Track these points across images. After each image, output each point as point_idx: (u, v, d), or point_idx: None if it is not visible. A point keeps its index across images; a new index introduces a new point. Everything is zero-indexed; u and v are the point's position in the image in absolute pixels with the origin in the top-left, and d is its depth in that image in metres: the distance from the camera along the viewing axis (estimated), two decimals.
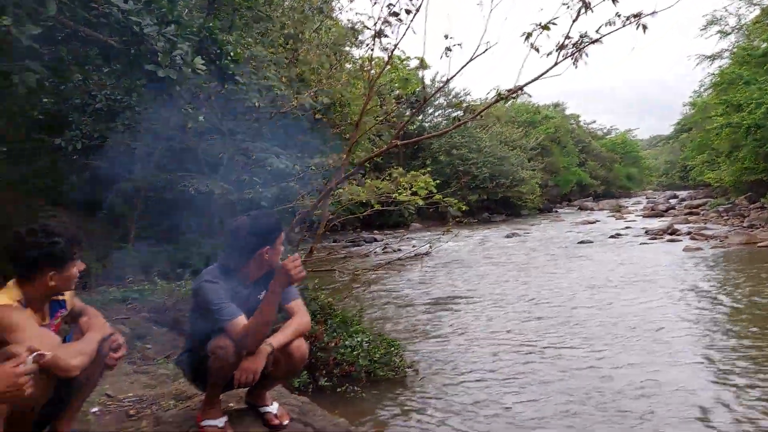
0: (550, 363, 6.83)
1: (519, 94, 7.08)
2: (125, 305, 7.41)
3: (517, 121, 43.03)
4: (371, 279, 12.96)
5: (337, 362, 6.32)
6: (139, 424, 3.35)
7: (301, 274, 2.88)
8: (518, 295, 11.05)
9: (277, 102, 12.02)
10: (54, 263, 2.60)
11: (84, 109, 12.27)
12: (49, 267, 2.59)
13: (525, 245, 19.99)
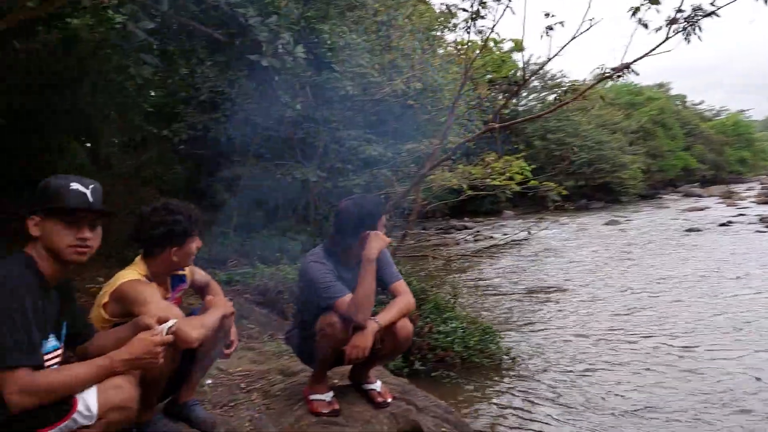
0: (656, 358, 6.46)
1: (625, 72, 6.75)
2: (229, 287, 7.74)
3: (617, 103, 41.02)
4: (463, 266, 12.88)
5: (432, 347, 6.35)
6: (250, 396, 3.52)
7: (388, 239, 3.04)
8: (618, 286, 10.54)
9: (370, 89, 12.13)
10: (175, 240, 2.75)
11: (189, 101, 12.93)
12: (170, 244, 2.75)
13: (626, 233, 19.11)
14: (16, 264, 2.04)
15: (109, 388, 1.98)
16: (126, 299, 2.58)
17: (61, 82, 8.82)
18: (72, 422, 1.91)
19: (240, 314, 6.58)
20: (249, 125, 12.21)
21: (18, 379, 1.84)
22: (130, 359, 2.07)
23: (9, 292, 1.91)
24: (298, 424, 2.98)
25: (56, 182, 2.12)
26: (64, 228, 2.08)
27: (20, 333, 1.88)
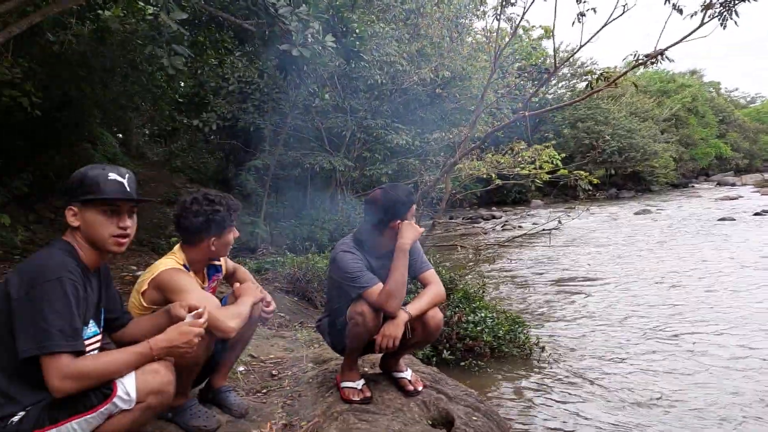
0: (687, 351, 6.32)
1: (660, 59, 6.60)
2: (259, 275, 7.83)
3: (648, 91, 40.22)
4: (492, 256, 12.80)
5: (460, 337, 6.35)
6: (281, 383, 3.56)
7: (420, 229, 3.06)
8: (650, 277, 10.35)
9: (398, 78, 12.10)
10: (214, 230, 2.80)
11: (218, 92, 13.05)
12: (210, 233, 2.79)
13: (657, 223, 18.79)
14: (57, 251, 2.08)
15: (147, 373, 2.03)
16: (165, 287, 2.62)
17: (94, 74, 8.97)
18: (112, 406, 1.96)
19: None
20: (277, 115, 12.29)
21: (60, 365, 1.90)
22: (168, 346, 2.11)
23: (52, 279, 1.95)
24: (330, 411, 3.00)
25: (93, 172, 2.14)
26: (104, 218, 2.13)
27: (62, 320, 1.92)
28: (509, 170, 10.51)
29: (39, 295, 1.92)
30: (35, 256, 2.07)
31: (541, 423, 4.78)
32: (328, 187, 13.65)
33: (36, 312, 1.91)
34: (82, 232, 2.15)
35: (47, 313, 1.91)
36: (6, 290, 1.98)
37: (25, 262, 2.05)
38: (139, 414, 2.02)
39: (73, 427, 1.95)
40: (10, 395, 1.97)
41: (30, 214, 9.18)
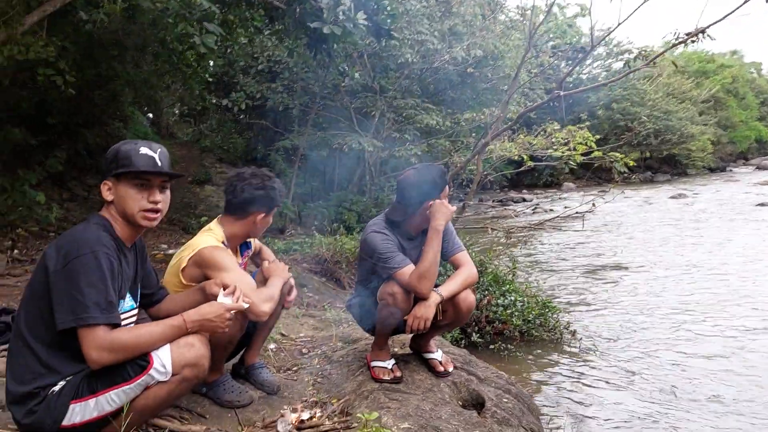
0: (722, 342, 6.09)
1: (700, 38, 6.36)
2: (288, 256, 7.85)
3: (687, 71, 39.09)
4: (523, 239, 12.66)
5: (490, 320, 6.29)
6: (312, 361, 3.56)
7: (453, 209, 2.99)
8: (684, 263, 10.04)
9: (429, 57, 11.93)
10: (266, 204, 2.85)
11: (248, 71, 13.07)
12: (261, 207, 2.83)
13: (693, 207, 18.35)
14: (93, 226, 2.10)
15: (182, 347, 2.05)
16: (206, 264, 2.63)
17: (126, 53, 9.03)
18: (149, 378, 1.99)
19: (299, 282, 6.66)
20: (307, 95, 12.26)
21: (96, 337, 1.92)
22: (200, 320, 2.13)
23: (87, 253, 1.97)
24: (361, 389, 2.99)
25: (125, 147, 2.16)
26: (136, 192, 2.13)
27: (97, 293, 1.94)
28: (541, 152, 10.34)
29: (74, 268, 1.94)
30: (72, 231, 2.10)
31: (571, 408, 4.71)
32: (356, 168, 13.61)
33: (72, 285, 1.93)
34: (115, 207, 2.16)
35: (83, 286, 1.93)
36: (44, 264, 2.01)
37: (62, 237, 2.07)
38: (174, 386, 2.05)
39: (112, 398, 1.99)
40: (50, 366, 2.01)
41: (64, 192, 9.35)
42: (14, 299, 4.80)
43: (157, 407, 2.12)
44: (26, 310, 2.06)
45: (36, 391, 1.98)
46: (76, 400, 1.97)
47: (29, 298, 2.06)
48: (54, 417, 1.96)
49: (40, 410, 1.96)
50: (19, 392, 1.98)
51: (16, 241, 6.93)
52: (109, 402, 1.98)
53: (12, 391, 2.01)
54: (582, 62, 25.61)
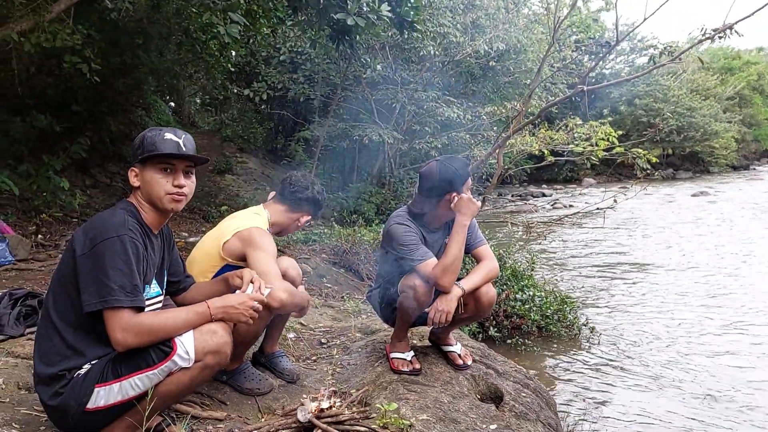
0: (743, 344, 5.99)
1: (728, 34, 6.25)
2: (307, 246, 7.89)
3: (712, 68, 38.42)
4: (542, 234, 12.58)
5: (508, 314, 6.28)
6: (331, 351, 3.59)
7: (479, 204, 3.01)
8: (706, 264, 9.87)
9: (451, 49, 11.87)
10: (312, 210, 3.14)
11: (269, 61, 13.10)
12: (309, 210, 3.11)
13: (715, 206, 18.09)
14: (120, 211, 2.13)
15: (205, 334, 2.07)
16: (251, 242, 2.74)
17: (150, 42, 9.09)
18: (172, 364, 2.02)
19: (318, 273, 6.73)
20: (328, 86, 12.27)
21: (121, 319, 1.95)
22: (225, 307, 2.15)
23: (113, 237, 2.00)
24: (379, 380, 3.00)
25: (151, 133, 2.20)
26: (161, 176, 2.17)
27: (123, 276, 1.98)
28: (562, 147, 10.26)
29: (100, 251, 1.98)
30: (99, 216, 2.13)
31: (588, 405, 4.70)
32: (376, 160, 13.61)
33: (98, 268, 1.96)
34: (142, 192, 2.20)
35: (108, 269, 1.96)
36: (72, 247, 2.05)
37: (90, 221, 2.11)
38: (197, 373, 2.07)
39: (135, 383, 2.01)
40: (76, 348, 2.04)
41: (87, 179, 9.46)
42: (38, 283, 4.89)
43: (179, 393, 2.14)
44: (54, 294, 2.10)
45: (62, 373, 2.01)
46: (100, 384, 2.00)
47: (57, 281, 2.10)
48: (79, 399, 1.99)
49: (66, 392, 1.99)
50: (46, 374, 2.02)
51: (41, 226, 7.03)
52: (132, 387, 2.01)
53: (39, 373, 2.05)
54: (606, 57, 25.28)
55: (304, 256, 7.28)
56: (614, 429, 4.27)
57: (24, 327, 3.27)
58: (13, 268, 5.38)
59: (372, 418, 2.57)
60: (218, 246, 2.80)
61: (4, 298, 3.40)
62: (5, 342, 3.12)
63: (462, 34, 11.47)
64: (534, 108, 11.50)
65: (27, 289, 3.72)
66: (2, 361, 2.76)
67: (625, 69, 32.34)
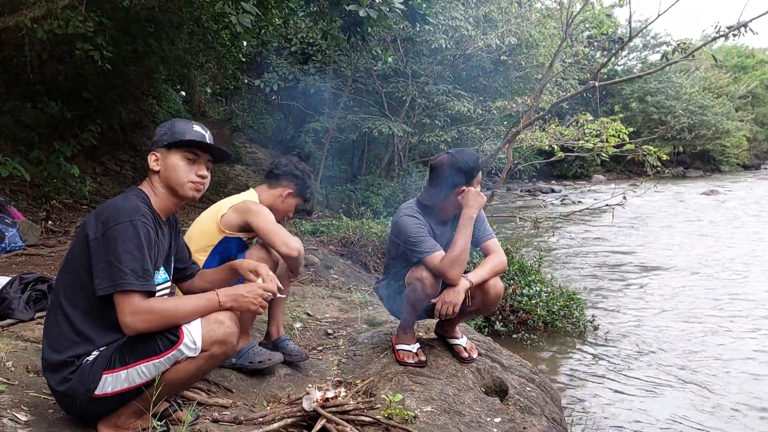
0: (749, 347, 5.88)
1: (742, 32, 6.19)
2: (315, 237, 7.91)
3: (725, 66, 38.08)
4: (550, 230, 12.54)
5: (514, 309, 6.28)
6: (337, 342, 3.60)
7: (485, 197, 3.03)
8: (715, 264, 9.75)
9: (463, 43, 11.81)
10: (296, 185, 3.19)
11: (281, 52, 13.08)
12: (290, 184, 3.18)
13: (725, 205, 17.97)
14: (132, 197, 2.15)
15: (212, 323, 2.07)
16: (249, 211, 2.93)
17: (161, 30, 9.10)
18: (179, 353, 2.02)
19: (325, 264, 6.75)
20: (338, 78, 12.25)
21: (131, 303, 1.97)
22: (234, 296, 2.17)
23: (126, 221, 2.02)
24: (385, 371, 3.01)
25: (180, 123, 2.29)
26: (185, 164, 2.22)
27: (134, 260, 1.99)
28: (573, 143, 10.20)
29: (112, 235, 1.99)
30: (111, 201, 2.14)
31: (591, 402, 4.70)
32: (385, 153, 13.60)
33: (110, 252, 1.98)
34: (161, 177, 2.23)
35: (120, 253, 1.97)
36: (84, 232, 2.06)
37: (101, 206, 2.12)
38: (203, 362, 2.08)
39: (142, 370, 2.02)
40: (84, 334, 2.05)
41: (97, 166, 9.51)
42: (48, 269, 4.93)
43: (185, 382, 2.15)
44: (64, 279, 2.11)
45: (71, 359, 2.03)
46: (108, 370, 2.01)
47: (68, 267, 2.11)
48: (87, 386, 2.00)
49: (74, 379, 2.01)
50: (54, 360, 2.03)
51: (51, 212, 7.08)
52: (139, 374, 2.01)
53: (47, 359, 2.06)
54: (618, 54, 25.10)
55: (311, 247, 7.29)
56: (618, 426, 4.26)
57: (34, 311, 3.31)
58: (24, 254, 5.43)
59: (377, 408, 2.58)
60: (216, 220, 2.96)
61: (14, 283, 3.43)
62: (15, 325, 3.16)
63: (474, 27, 11.41)
64: (545, 103, 11.44)
65: (37, 273, 3.75)
66: (12, 345, 2.79)
67: (637, 66, 32.15)
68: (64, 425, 2.14)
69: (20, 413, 2.14)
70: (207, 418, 2.38)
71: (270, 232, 2.84)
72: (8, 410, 2.15)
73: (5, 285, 3.41)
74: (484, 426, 2.72)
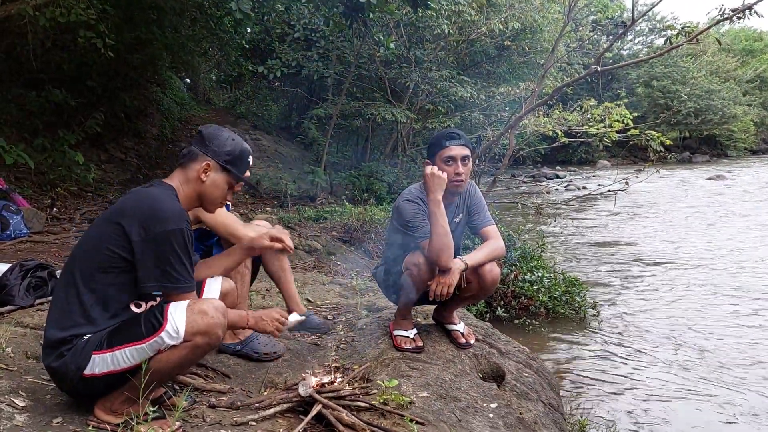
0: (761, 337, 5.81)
1: (747, 14, 6.13)
2: (317, 223, 7.93)
3: (732, 49, 37.65)
4: (553, 216, 12.52)
5: (516, 295, 6.30)
6: (336, 327, 3.63)
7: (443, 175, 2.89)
8: (719, 251, 9.64)
9: (466, 28, 11.72)
10: None
11: (284, 39, 13.02)
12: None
13: (731, 190, 17.86)
14: (173, 197, 2.23)
15: (195, 314, 2.09)
16: None
17: (164, 17, 9.08)
18: (160, 340, 2.05)
19: (327, 250, 6.78)
20: (342, 64, 12.19)
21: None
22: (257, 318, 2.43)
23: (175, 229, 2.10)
24: (382, 357, 3.04)
25: (245, 148, 2.42)
26: (226, 188, 2.38)
27: (185, 267, 2.15)
28: (577, 128, 10.16)
29: (163, 239, 2.08)
30: (150, 198, 2.16)
31: (591, 387, 4.73)
32: (389, 139, 13.56)
33: (161, 256, 2.08)
34: (200, 187, 2.32)
35: (174, 261, 2.10)
36: (117, 222, 2.10)
37: (140, 200, 2.15)
38: (186, 351, 2.10)
39: (126, 355, 2.06)
40: (91, 317, 2.10)
41: (102, 154, 9.55)
42: (52, 256, 4.97)
43: (171, 371, 2.17)
44: (83, 260, 2.14)
45: (70, 338, 2.06)
46: (97, 351, 2.05)
47: (90, 251, 2.14)
48: (77, 364, 2.04)
49: (68, 356, 2.05)
50: (56, 337, 2.07)
51: (55, 199, 7.13)
52: (123, 358, 2.05)
53: (49, 337, 2.09)
54: (622, 37, 24.84)
55: (314, 234, 7.32)
56: (617, 411, 4.29)
57: (34, 298, 3.35)
58: (28, 240, 5.48)
59: (373, 394, 2.61)
60: None
61: (14, 269, 3.47)
62: (15, 312, 3.20)
63: (477, 12, 11.31)
64: (548, 89, 11.36)
65: (38, 260, 3.79)
66: (11, 331, 2.83)
67: (643, 50, 31.86)
68: (61, 410, 2.18)
69: (18, 398, 2.18)
70: (204, 403, 2.42)
71: (217, 225, 2.91)
72: (6, 395, 2.19)
73: (5, 272, 3.45)
74: (480, 411, 2.75)
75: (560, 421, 3.16)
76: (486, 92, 12.65)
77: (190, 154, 2.31)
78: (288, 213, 8.27)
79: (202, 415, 2.30)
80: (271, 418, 2.34)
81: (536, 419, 2.89)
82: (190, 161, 2.30)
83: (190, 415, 2.29)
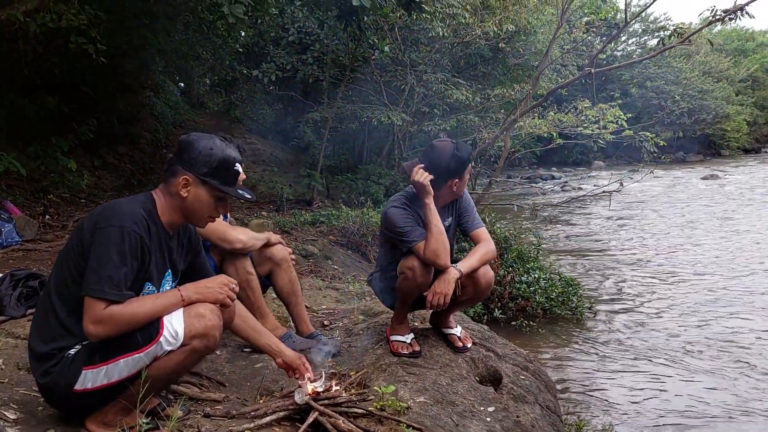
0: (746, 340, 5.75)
1: (739, 15, 6.14)
2: (314, 227, 7.91)
3: (725, 50, 37.78)
4: (549, 217, 12.53)
5: (513, 296, 6.29)
6: (332, 333, 3.61)
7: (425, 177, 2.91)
8: (713, 252, 9.64)
9: (460, 31, 11.72)
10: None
11: (278, 42, 13.01)
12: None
13: (724, 189, 17.92)
14: (137, 203, 2.11)
15: (192, 317, 2.05)
16: None
17: (157, 22, 9.04)
18: (158, 347, 2.01)
19: (324, 254, 6.75)
20: (336, 67, 12.18)
21: (96, 310, 1.92)
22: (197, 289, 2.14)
23: (116, 228, 1.99)
24: (379, 362, 3.01)
25: (226, 155, 2.16)
26: (213, 202, 2.18)
27: (114, 267, 1.95)
28: (571, 129, 10.17)
29: (99, 238, 1.98)
30: (116, 201, 2.12)
31: (588, 389, 4.71)
32: (385, 142, 13.56)
33: (94, 254, 1.96)
34: (181, 203, 2.16)
35: (102, 258, 1.96)
36: (81, 228, 2.05)
37: (104, 204, 2.12)
38: (184, 356, 2.06)
39: (121, 366, 2.01)
40: (68, 328, 2.04)
41: (95, 160, 9.49)
42: (45, 264, 4.93)
43: (168, 377, 2.13)
44: (57, 272, 2.10)
45: (53, 352, 2.02)
46: (88, 366, 1.99)
47: (61, 260, 2.10)
48: (67, 380, 2.00)
49: (56, 372, 2.00)
50: (39, 350, 2.03)
51: (48, 207, 7.07)
52: (119, 369, 2.00)
53: (34, 349, 2.06)
54: (616, 39, 24.89)
55: (311, 238, 7.30)
56: (614, 413, 4.28)
57: (25, 308, 3.31)
58: (21, 249, 5.43)
59: (369, 400, 2.59)
60: None
61: (5, 279, 3.43)
62: (6, 323, 3.16)
63: (471, 15, 11.30)
64: (543, 90, 11.38)
65: (28, 270, 3.75)
66: (2, 342, 2.79)
67: (637, 51, 31.91)
68: (53, 423, 2.15)
69: (9, 411, 2.15)
70: (199, 413, 2.39)
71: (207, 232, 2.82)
72: None
73: None
74: (477, 415, 2.73)
75: (557, 423, 3.15)
76: (481, 94, 12.66)
77: (170, 169, 2.17)
78: (284, 217, 8.24)
79: (197, 425, 2.27)
80: (267, 427, 2.32)
81: (533, 422, 2.87)
82: (170, 176, 2.16)
83: (185, 425, 2.27)
